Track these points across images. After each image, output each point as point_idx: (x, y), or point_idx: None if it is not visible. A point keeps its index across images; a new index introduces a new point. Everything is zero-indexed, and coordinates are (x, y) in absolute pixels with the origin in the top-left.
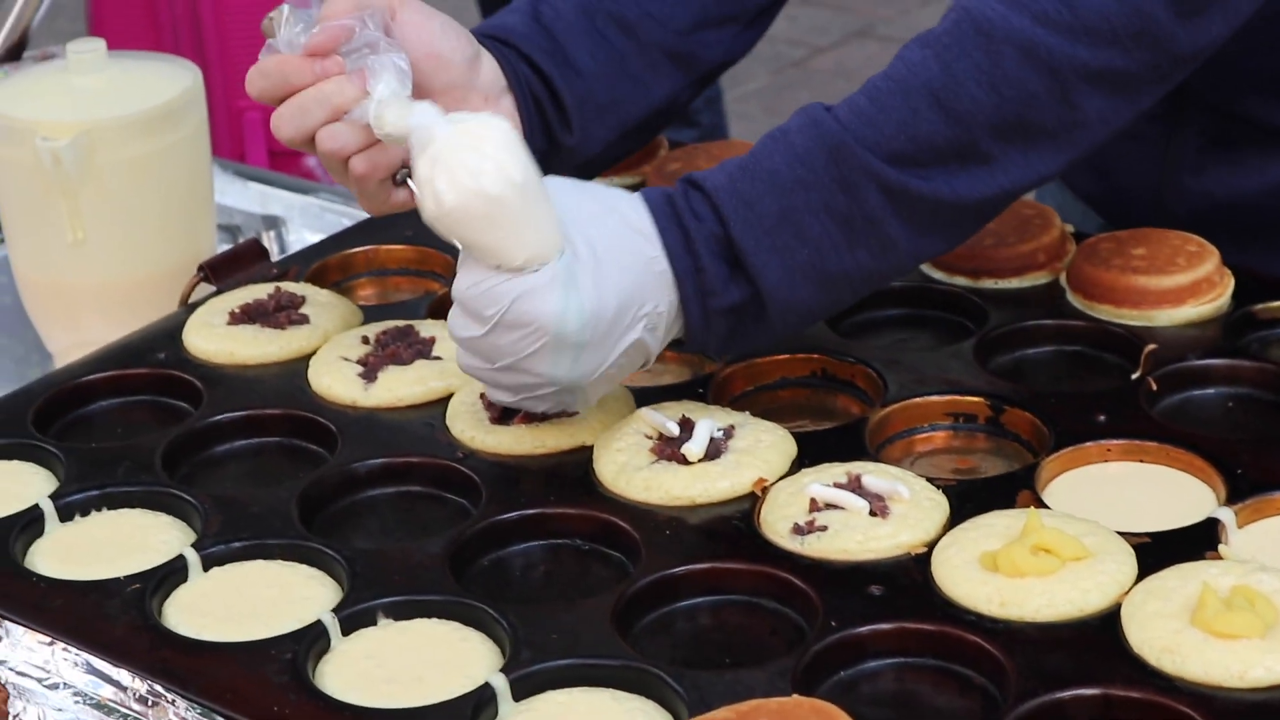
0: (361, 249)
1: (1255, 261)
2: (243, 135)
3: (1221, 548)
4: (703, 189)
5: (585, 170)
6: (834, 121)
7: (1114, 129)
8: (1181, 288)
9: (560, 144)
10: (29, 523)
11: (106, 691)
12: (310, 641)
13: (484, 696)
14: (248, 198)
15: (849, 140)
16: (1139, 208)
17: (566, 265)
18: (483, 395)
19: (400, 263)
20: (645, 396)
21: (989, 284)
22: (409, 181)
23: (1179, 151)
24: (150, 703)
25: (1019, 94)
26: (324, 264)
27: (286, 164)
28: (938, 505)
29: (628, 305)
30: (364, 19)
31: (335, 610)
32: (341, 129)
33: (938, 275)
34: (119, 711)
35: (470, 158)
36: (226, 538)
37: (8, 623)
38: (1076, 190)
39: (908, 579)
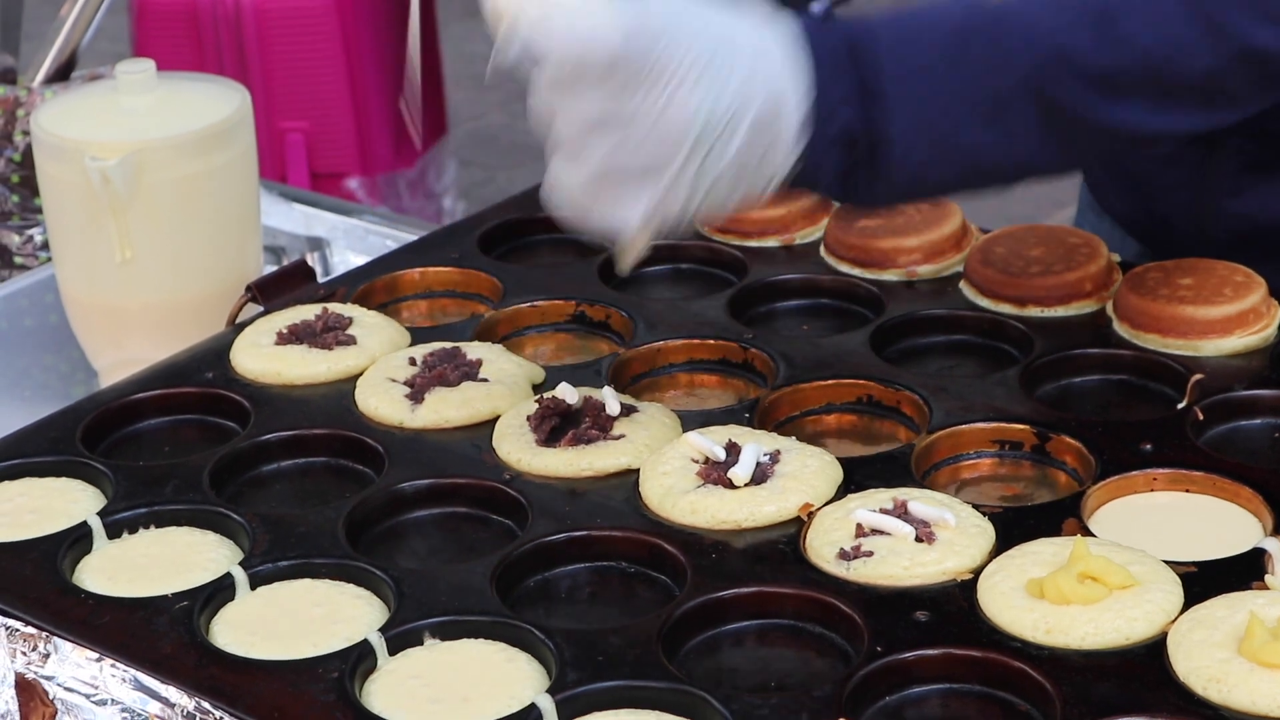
0: (408, 271)
1: None
2: (284, 156)
3: (1268, 578)
4: (859, 25)
5: None
6: (1010, 14)
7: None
8: (1229, 318)
9: None
10: (77, 540)
11: (154, 708)
12: (357, 661)
13: (530, 717)
14: (292, 219)
15: (1012, 36)
16: (1178, 233)
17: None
18: (529, 417)
19: (447, 285)
20: (691, 421)
21: (1035, 312)
22: None
23: (1217, 175)
24: (197, 719)
25: (1170, 43)
26: (371, 285)
27: (328, 186)
28: (983, 532)
29: (750, 95)
30: None
31: (382, 630)
32: None
33: (984, 303)
34: None
35: None
36: (274, 556)
37: (56, 639)
38: (1115, 216)
39: (953, 605)
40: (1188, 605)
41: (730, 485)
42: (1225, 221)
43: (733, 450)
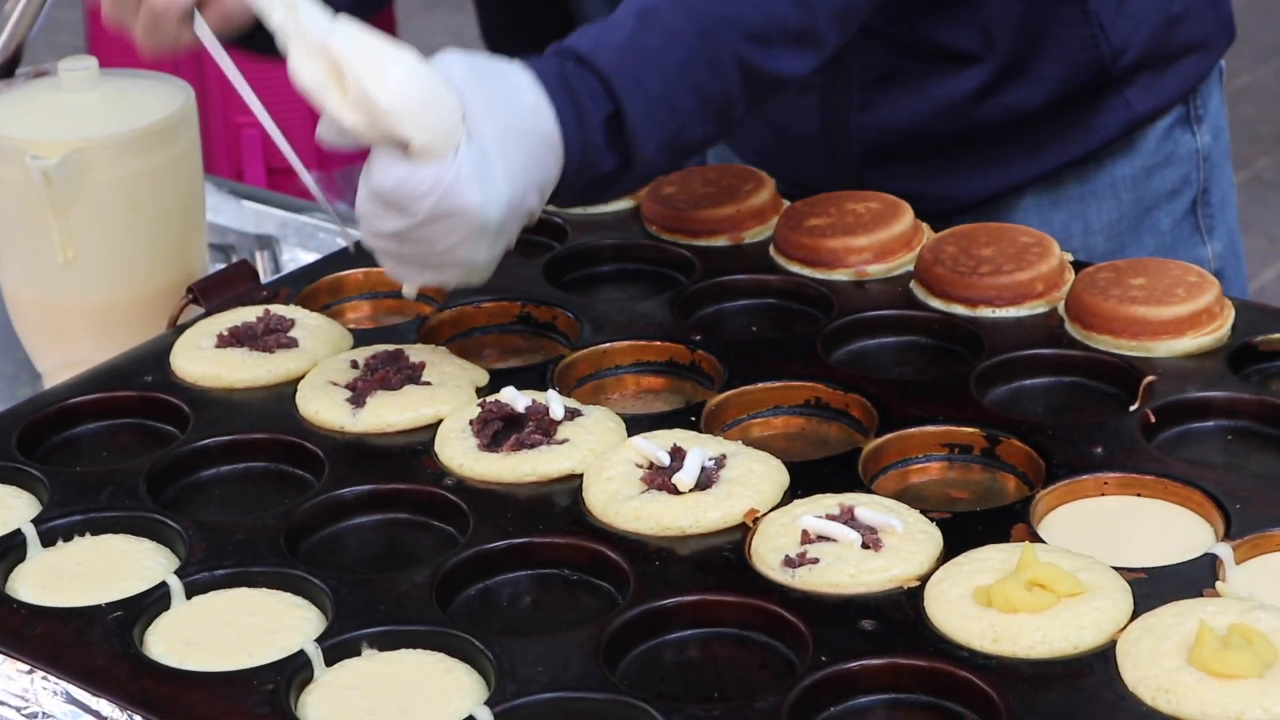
0: (352, 271)
1: (939, 187)
2: (240, 152)
3: (1219, 584)
4: (594, 67)
5: None
6: (700, 2)
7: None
8: (1181, 319)
9: None
10: (11, 548)
11: None
12: (293, 672)
13: None
14: (241, 217)
15: (717, 21)
16: (807, 155)
17: (480, 151)
18: (472, 421)
19: (391, 285)
20: (636, 424)
21: (986, 313)
22: (198, 13)
23: (846, 92)
24: None
25: None
26: (314, 286)
27: (284, 182)
28: (931, 538)
29: (530, 181)
30: None
31: (319, 640)
32: None
33: (935, 303)
34: None
35: (383, 52)
36: (210, 565)
37: None
38: (743, 155)
39: (900, 614)
40: (1138, 612)
41: (675, 491)
42: (858, 134)
43: (677, 455)
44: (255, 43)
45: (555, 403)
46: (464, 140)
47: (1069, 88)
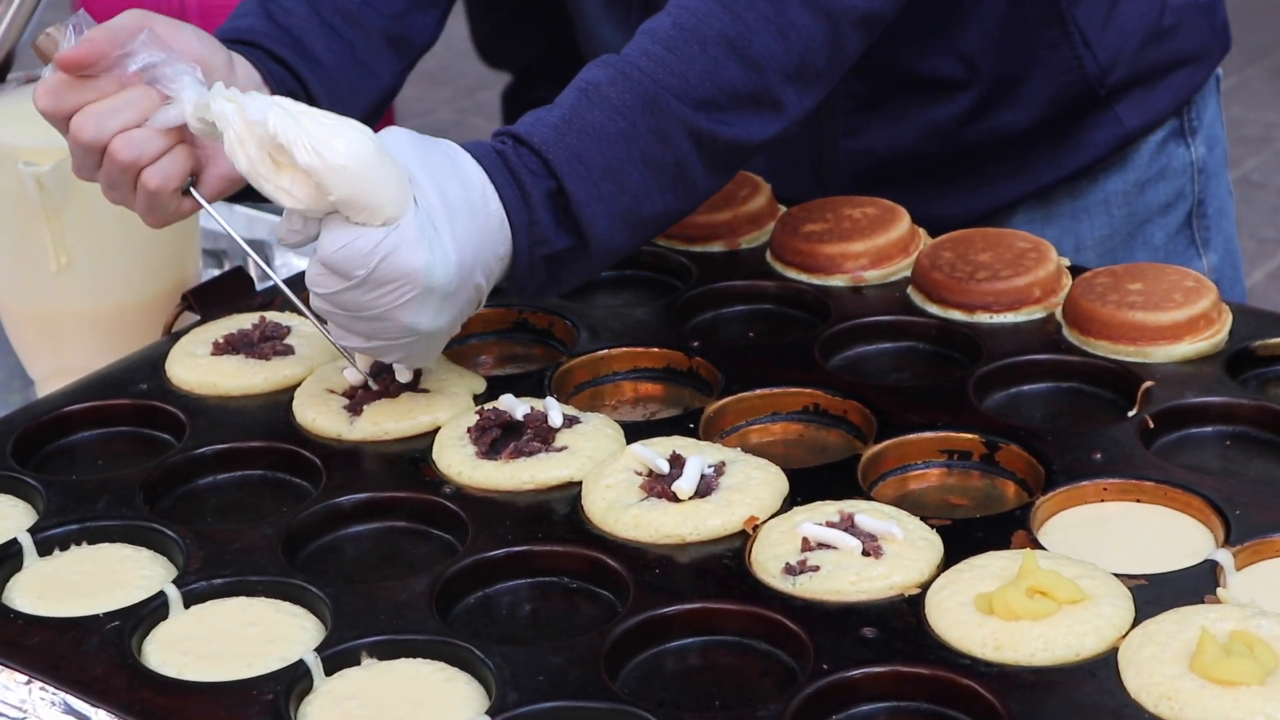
0: None
1: (929, 208)
2: None
3: (1220, 591)
4: (531, 144)
5: None
6: (642, 74)
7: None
8: (1178, 324)
9: None
10: (7, 557)
11: None
12: (292, 682)
13: None
14: (233, 221)
15: (661, 90)
16: (798, 178)
17: (426, 218)
18: (470, 429)
19: None
20: (635, 432)
21: (984, 318)
22: (193, 189)
23: (830, 120)
24: None
25: (803, 40)
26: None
27: None
28: (931, 545)
29: (478, 254)
30: (133, 36)
31: (318, 649)
32: (139, 135)
33: (932, 309)
34: None
35: (329, 121)
36: (208, 574)
37: None
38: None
39: (901, 621)
40: (1139, 619)
41: (674, 498)
42: (845, 159)
43: (677, 462)
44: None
45: (554, 410)
46: (411, 207)
47: (1056, 108)
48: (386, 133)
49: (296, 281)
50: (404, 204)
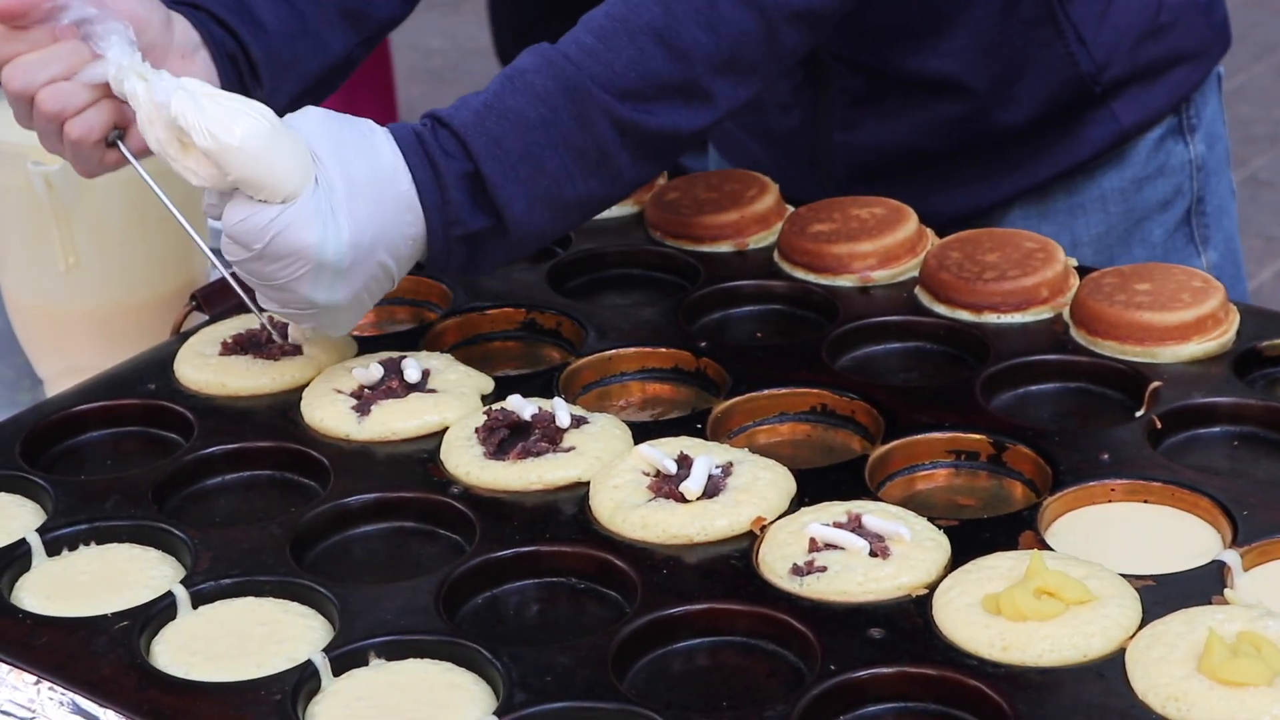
0: None
1: (925, 203)
2: None
3: (1228, 592)
4: (451, 127)
5: None
6: (568, 61)
7: (799, 60)
8: (1186, 324)
9: (252, 97)
10: (16, 557)
11: None
12: (300, 682)
13: None
14: None
15: (584, 79)
16: (795, 171)
17: (324, 198)
18: (478, 429)
19: (396, 291)
20: (643, 432)
21: (991, 319)
22: (119, 143)
23: (827, 114)
24: None
25: (733, 33)
26: None
27: None
28: (939, 546)
29: (380, 234)
30: None
31: (326, 650)
32: (66, 88)
33: (940, 309)
34: None
35: (230, 104)
36: (216, 574)
37: None
38: (743, 166)
39: (908, 622)
40: (1146, 620)
41: (682, 499)
42: (842, 154)
43: (684, 463)
44: None
45: (561, 410)
46: (310, 186)
47: (1052, 106)
48: (302, 112)
49: None
50: (302, 183)
